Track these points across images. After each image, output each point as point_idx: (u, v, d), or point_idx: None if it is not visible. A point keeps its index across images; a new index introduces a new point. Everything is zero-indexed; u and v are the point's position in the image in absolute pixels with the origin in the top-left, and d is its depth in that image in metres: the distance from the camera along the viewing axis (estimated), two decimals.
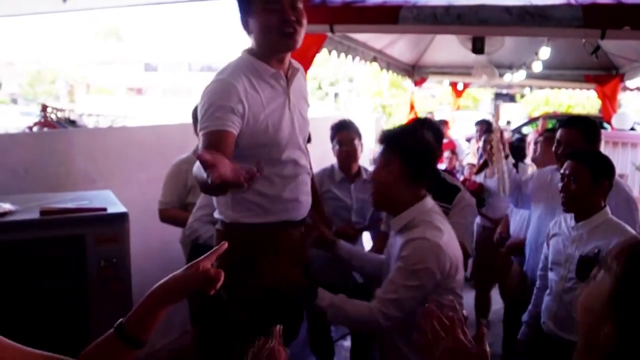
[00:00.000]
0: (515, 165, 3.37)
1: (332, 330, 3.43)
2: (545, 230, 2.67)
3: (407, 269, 1.84)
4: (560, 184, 2.43)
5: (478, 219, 3.98)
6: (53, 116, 13.42)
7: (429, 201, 2.00)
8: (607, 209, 2.36)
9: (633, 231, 2.31)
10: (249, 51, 1.96)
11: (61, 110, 14.65)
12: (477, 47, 5.83)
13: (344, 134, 3.10)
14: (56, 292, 2.17)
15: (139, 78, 38.58)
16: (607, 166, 2.38)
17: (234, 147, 1.80)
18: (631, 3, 3.30)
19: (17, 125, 15.76)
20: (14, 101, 34.85)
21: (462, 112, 15.77)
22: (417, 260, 1.83)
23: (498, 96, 22.77)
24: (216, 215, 2.06)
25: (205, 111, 1.80)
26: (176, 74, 37.34)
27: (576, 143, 2.73)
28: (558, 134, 2.85)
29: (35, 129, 11.96)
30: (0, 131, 10.82)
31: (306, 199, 2.08)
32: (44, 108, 13.65)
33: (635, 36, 3.49)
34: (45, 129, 11.49)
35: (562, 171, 2.44)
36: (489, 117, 9.81)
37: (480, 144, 5.41)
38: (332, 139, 3.16)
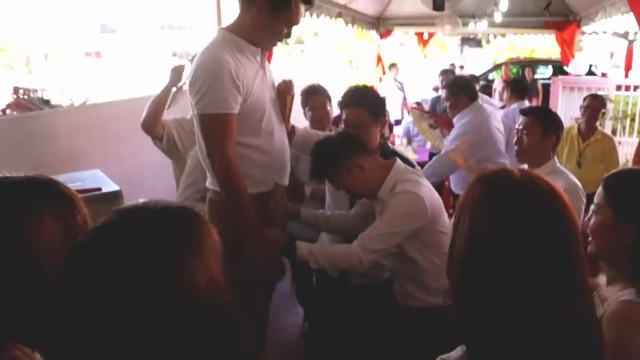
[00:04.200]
0: None
1: None
2: None
3: (391, 216, 2.01)
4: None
5: None
6: (25, 97, 13.12)
7: (399, 163, 2.14)
8: (555, 159, 2.60)
9: (574, 179, 2.50)
10: (231, 30, 2.04)
11: (33, 90, 14.30)
12: (438, 4, 5.91)
13: (316, 99, 3.12)
14: None
15: (96, 41, 37.18)
16: (555, 122, 2.62)
17: None
18: None
19: None
20: None
21: (429, 59, 15.79)
22: (400, 208, 2.00)
23: (464, 41, 22.64)
24: (209, 185, 2.15)
25: (206, 91, 1.90)
26: (135, 34, 36.15)
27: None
28: None
29: (8, 111, 11.62)
30: None
31: (288, 163, 2.24)
32: (16, 90, 13.33)
33: None
34: (19, 112, 11.20)
35: (516, 126, 2.66)
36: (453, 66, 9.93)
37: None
38: (304, 104, 3.17)
